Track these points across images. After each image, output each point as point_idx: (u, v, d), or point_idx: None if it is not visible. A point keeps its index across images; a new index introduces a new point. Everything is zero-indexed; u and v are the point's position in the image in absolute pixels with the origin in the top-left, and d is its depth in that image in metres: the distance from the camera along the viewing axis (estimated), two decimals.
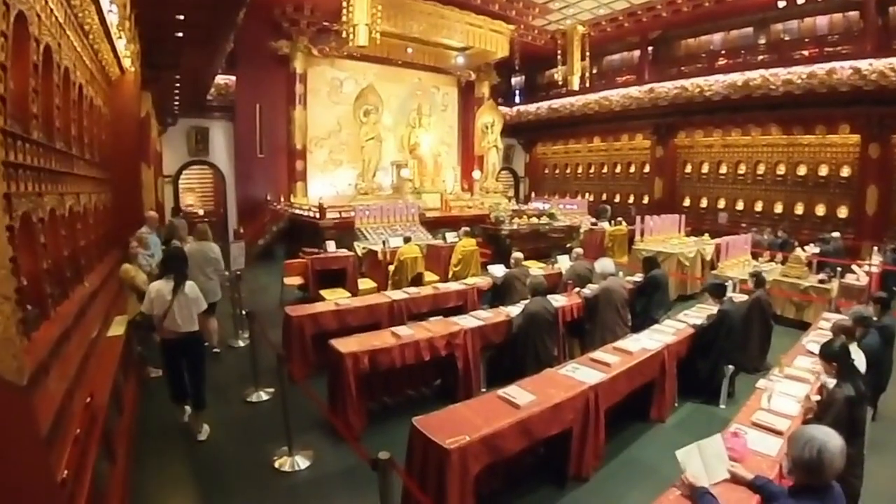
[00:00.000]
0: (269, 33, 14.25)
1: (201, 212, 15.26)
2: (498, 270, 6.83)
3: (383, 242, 9.33)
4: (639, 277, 7.08)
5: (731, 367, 5.24)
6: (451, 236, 9.95)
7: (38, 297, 3.16)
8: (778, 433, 3.24)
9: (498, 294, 6.54)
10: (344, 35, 10.82)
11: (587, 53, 15.91)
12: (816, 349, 4.73)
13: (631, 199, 19.09)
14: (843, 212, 13.53)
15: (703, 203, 16.75)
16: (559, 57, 15.98)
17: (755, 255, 10.09)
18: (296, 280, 8.36)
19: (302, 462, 3.79)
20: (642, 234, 10.01)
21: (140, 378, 5.04)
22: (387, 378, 4.43)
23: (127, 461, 3.54)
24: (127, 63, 6.58)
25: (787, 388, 3.83)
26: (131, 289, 4.95)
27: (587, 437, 3.51)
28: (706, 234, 11.01)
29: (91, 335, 3.94)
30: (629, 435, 4.41)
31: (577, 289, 6.33)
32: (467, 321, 4.90)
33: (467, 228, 9.79)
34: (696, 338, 5.26)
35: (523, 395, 3.16)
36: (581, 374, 3.69)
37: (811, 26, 13.83)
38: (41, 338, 2.98)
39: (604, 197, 19.59)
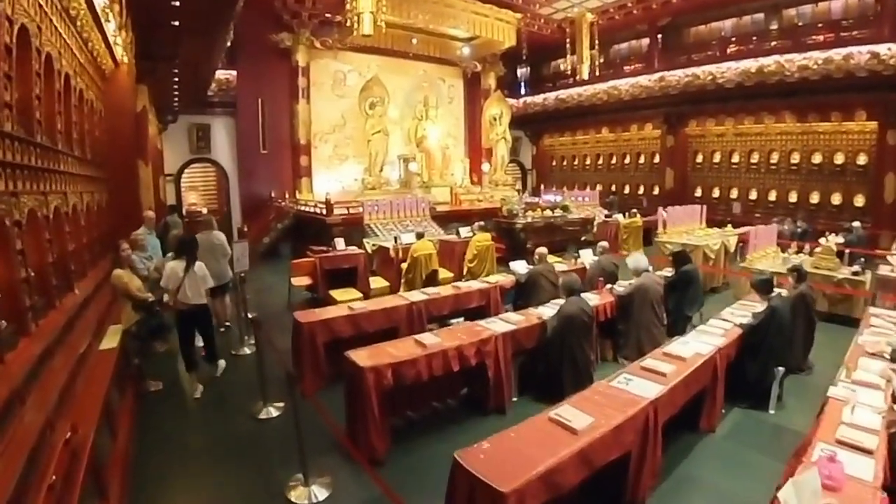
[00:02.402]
0: (270, 26, 13.80)
1: (204, 210, 14.84)
2: (520, 267, 6.39)
3: (395, 239, 8.90)
4: (668, 272, 6.65)
5: (780, 368, 4.80)
6: (464, 231, 9.51)
7: (14, 311, 2.75)
8: (868, 452, 2.81)
9: (522, 293, 6.09)
10: (348, 24, 10.35)
11: (596, 42, 15.45)
12: (877, 350, 4.34)
13: (641, 190, 18.71)
14: (859, 200, 13.15)
15: (716, 193, 16.32)
16: (568, 46, 15.50)
17: (781, 247, 9.62)
18: (304, 280, 7.93)
19: (320, 492, 3.33)
20: (664, 226, 9.54)
21: (138, 393, 4.62)
22: (410, 390, 3.99)
23: (122, 492, 3.13)
24: (119, 52, 6.14)
25: (863, 397, 3.39)
26: (125, 297, 4.52)
27: (645, 457, 3.08)
28: (729, 225, 10.55)
29: (80, 350, 3.54)
30: (680, 448, 3.98)
31: (608, 286, 5.89)
32: (497, 325, 4.45)
33: (482, 223, 9.36)
34: (744, 338, 4.82)
35: (580, 418, 2.71)
36: (636, 386, 3.24)
37: (825, 11, 13.37)
38: (17, 359, 2.57)
39: (613, 188, 19.21)
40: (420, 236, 8.20)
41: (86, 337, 3.77)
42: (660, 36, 16.81)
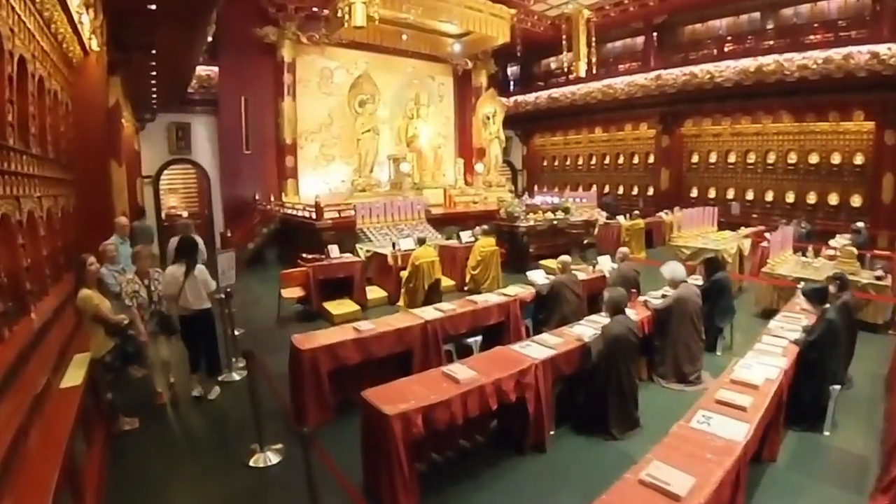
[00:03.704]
0: (254, 20, 13.06)
1: (185, 214, 14.03)
2: (539, 277, 5.81)
3: (393, 245, 8.26)
4: (697, 280, 6.15)
5: (836, 386, 4.34)
6: (465, 235, 8.92)
7: None
8: None
9: (543, 306, 5.51)
10: (339, 14, 9.69)
11: (593, 39, 15.05)
12: None
13: (635, 191, 18.40)
14: (856, 200, 13.06)
15: (712, 194, 16.07)
16: (564, 43, 15.05)
17: (797, 250, 9.24)
18: (295, 292, 7.24)
19: None
20: (679, 228, 9.06)
21: (110, 434, 3.91)
22: (436, 431, 3.36)
23: None
24: (86, 32, 5.41)
25: None
26: (95, 321, 3.80)
27: None
28: (741, 228, 10.16)
29: (35, 390, 2.86)
30: (748, 484, 3.46)
31: (642, 298, 5.35)
32: (533, 350, 3.84)
33: (485, 227, 8.78)
34: (800, 355, 4.33)
35: (677, 478, 2.13)
36: (720, 427, 2.69)
37: (821, 11, 13.26)
38: None
39: (606, 189, 18.85)
40: (422, 242, 7.58)
41: (43, 373, 3.09)
42: (655, 34, 16.52)
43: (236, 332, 5.94)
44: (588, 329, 4.29)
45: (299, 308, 7.60)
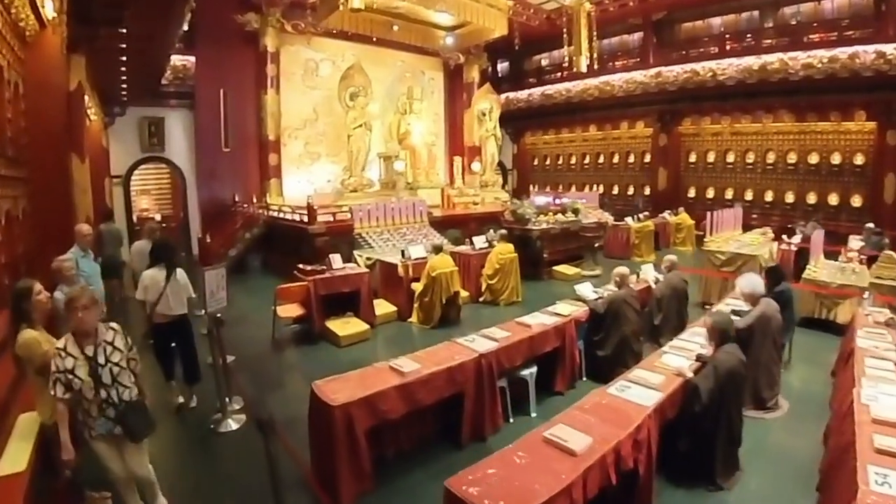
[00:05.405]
0: (235, 5, 12.03)
1: (158, 217, 12.86)
2: (588, 291, 4.97)
3: (402, 252, 7.33)
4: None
5: None
6: (479, 241, 8.07)
7: None
8: None
9: (600, 326, 4.68)
10: None
11: (595, 33, 14.45)
12: None
13: (631, 191, 17.92)
14: (857, 201, 12.88)
15: (710, 194, 15.68)
16: (565, 36, 14.39)
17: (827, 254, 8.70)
18: (293, 310, 6.24)
19: None
20: (711, 231, 8.39)
21: None
22: None
23: None
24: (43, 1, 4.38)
25: None
26: (45, 374, 2.60)
27: None
28: (768, 230, 9.59)
29: None
30: None
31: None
32: (639, 395, 2.96)
33: (503, 231, 7.94)
34: None
35: None
36: None
37: (821, 10, 13.05)
38: None
39: (601, 189, 18.31)
40: (438, 250, 6.69)
41: None
42: (653, 31, 16.06)
43: (226, 361, 4.98)
44: (682, 360, 3.47)
45: (295, 327, 6.61)
